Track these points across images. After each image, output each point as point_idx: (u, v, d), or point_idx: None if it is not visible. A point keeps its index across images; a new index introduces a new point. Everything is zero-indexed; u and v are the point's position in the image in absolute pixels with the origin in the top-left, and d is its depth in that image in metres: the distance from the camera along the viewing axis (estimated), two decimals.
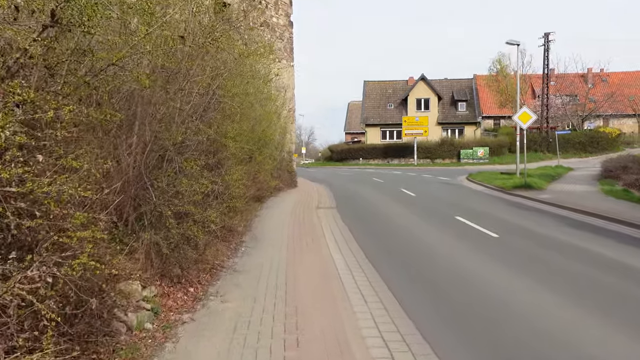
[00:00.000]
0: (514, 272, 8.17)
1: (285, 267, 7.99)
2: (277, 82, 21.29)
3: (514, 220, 13.71)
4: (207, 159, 8.28)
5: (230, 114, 9.92)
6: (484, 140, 56.27)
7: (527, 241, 10.75)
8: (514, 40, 26.31)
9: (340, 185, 26.81)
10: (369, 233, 11.87)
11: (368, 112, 62.33)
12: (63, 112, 3.55)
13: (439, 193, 21.81)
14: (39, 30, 3.82)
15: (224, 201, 8.51)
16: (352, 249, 9.80)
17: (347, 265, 8.30)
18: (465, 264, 8.79)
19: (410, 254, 9.60)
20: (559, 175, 28.87)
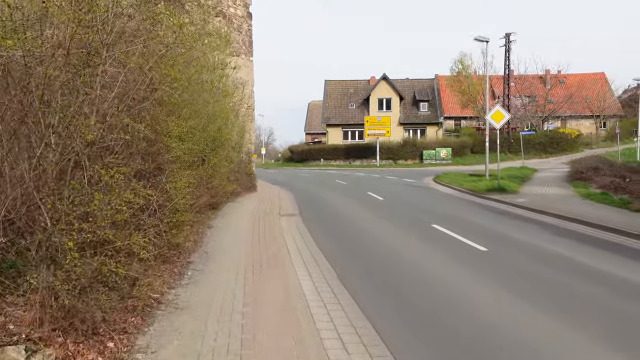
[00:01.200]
0: (518, 295, 6.77)
1: (241, 299, 6.35)
2: (235, 77, 19.58)
3: (498, 229, 12.41)
4: (143, 163, 6.56)
5: (175, 109, 8.21)
6: (447, 140, 55.71)
7: (521, 257, 9.41)
8: (482, 37, 25.29)
9: (302, 188, 25.23)
10: (340, 248, 10.33)
11: (329, 111, 60.95)
12: None
13: (409, 197, 20.49)
14: None
15: (165, 216, 6.81)
16: (323, 270, 8.23)
17: (319, 296, 6.72)
18: (461, 286, 7.34)
19: (395, 275, 8.09)
20: (527, 177, 28.04)
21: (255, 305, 6.13)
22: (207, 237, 10.71)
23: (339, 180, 31.11)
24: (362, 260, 9.12)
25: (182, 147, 8.11)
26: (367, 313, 6.06)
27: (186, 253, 8.81)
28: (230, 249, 9.57)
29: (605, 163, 26.16)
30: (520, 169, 34.50)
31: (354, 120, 59.78)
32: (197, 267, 7.95)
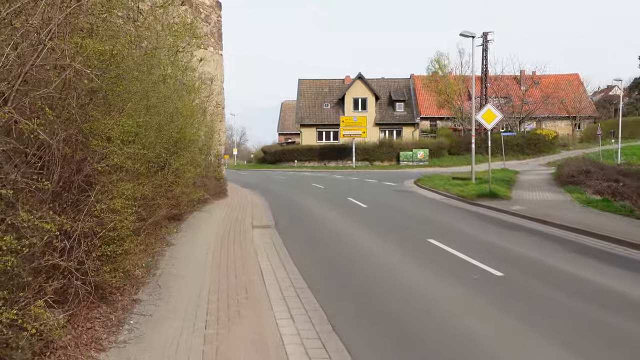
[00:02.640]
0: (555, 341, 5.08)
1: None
2: (202, 71, 17.62)
3: (505, 245, 10.77)
4: (62, 174, 4.66)
5: (115, 103, 6.31)
6: (424, 141, 54.42)
7: (550, 288, 7.75)
8: (468, 32, 23.79)
9: (277, 193, 23.36)
10: (326, 272, 8.53)
11: (303, 111, 59.10)
12: None
13: (393, 204, 18.81)
14: None
15: (94, 249, 4.92)
16: (308, 308, 6.42)
17: (306, 354, 4.92)
18: (478, 329, 5.63)
19: (401, 315, 6.34)
20: (512, 180, 26.57)
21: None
22: (164, 260, 8.79)
23: (315, 183, 29.30)
24: (354, 290, 7.35)
25: (127, 151, 6.22)
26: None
27: (134, 286, 6.91)
28: (192, 278, 7.67)
29: (595, 166, 24.96)
30: (503, 171, 33.23)
31: (329, 120, 58.09)
32: (144, 310, 6.04)
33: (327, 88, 61.33)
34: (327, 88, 61.35)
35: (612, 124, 64.33)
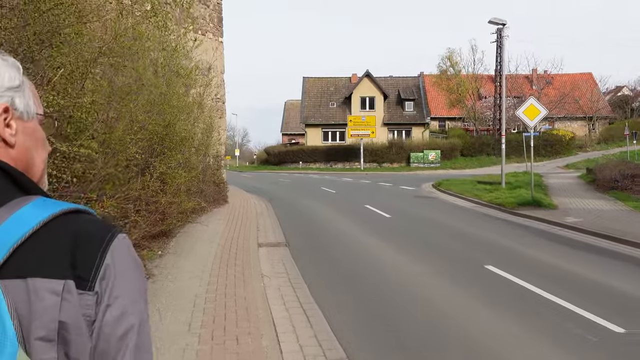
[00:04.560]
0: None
1: None
2: (199, 59, 15.08)
3: (595, 278, 8.18)
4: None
5: None
6: (435, 142, 51.78)
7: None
8: (498, 19, 21.23)
9: (284, 199, 20.79)
10: (374, 334, 5.97)
11: (308, 111, 56.49)
12: None
13: (420, 212, 16.25)
14: None
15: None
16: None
17: None
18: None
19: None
20: (542, 185, 23.96)
21: None
22: None
23: (324, 187, 26.74)
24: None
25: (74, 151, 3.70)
26: None
27: None
28: (174, 343, 5.09)
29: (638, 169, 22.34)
30: (527, 175, 30.66)
31: (335, 120, 55.50)
32: None
33: (333, 86, 58.75)
34: (333, 86, 58.76)
35: (631, 124, 61.83)
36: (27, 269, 0.88)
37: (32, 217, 0.91)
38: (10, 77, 1.00)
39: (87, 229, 0.95)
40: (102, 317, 0.91)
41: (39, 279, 0.88)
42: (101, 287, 0.92)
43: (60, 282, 0.89)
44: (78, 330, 0.89)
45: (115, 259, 0.94)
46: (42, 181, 1.07)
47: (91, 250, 0.93)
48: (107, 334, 0.90)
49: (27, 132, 1.02)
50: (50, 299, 0.87)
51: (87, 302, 0.90)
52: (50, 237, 0.91)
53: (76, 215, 0.96)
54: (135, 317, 0.93)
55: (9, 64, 1.01)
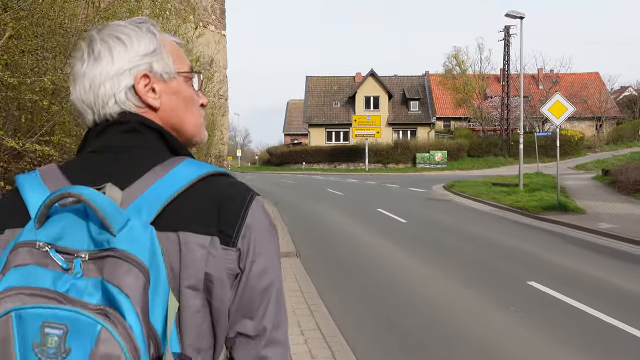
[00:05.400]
0: None
1: None
2: (200, 51, 13.99)
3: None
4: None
5: None
6: (441, 142, 50.60)
7: None
8: (516, 12, 20.11)
9: (289, 202, 19.66)
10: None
11: (311, 110, 55.34)
12: None
13: (437, 217, 15.11)
14: None
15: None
16: None
17: None
18: None
19: None
20: (562, 188, 22.74)
21: None
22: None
23: (330, 189, 25.61)
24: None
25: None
26: None
27: None
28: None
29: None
30: (540, 176, 29.59)
31: (339, 119, 54.35)
32: None
33: (337, 86, 57.60)
34: (336, 86, 57.61)
35: (638, 124, 60.66)
36: (178, 223, 0.95)
37: (183, 177, 0.97)
38: (145, 44, 1.05)
39: (230, 190, 1.01)
40: (248, 271, 0.98)
41: (189, 233, 0.95)
42: (243, 245, 0.98)
43: (207, 238, 0.96)
44: (220, 281, 0.96)
45: (255, 220, 1.00)
46: (198, 134, 1.13)
47: (234, 210, 0.99)
48: (252, 285, 0.98)
49: (171, 91, 1.08)
50: (199, 251, 0.95)
51: (230, 257, 0.97)
52: (198, 196, 0.97)
53: (220, 177, 1.02)
54: (275, 274, 1.02)
55: (142, 31, 1.07)
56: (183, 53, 1.13)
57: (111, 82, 1.03)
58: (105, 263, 0.85)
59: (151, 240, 0.89)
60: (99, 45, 1.04)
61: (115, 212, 0.87)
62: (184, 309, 0.94)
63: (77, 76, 1.05)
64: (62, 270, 0.85)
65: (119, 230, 0.86)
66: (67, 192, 0.87)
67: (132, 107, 1.04)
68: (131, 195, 0.94)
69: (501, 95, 52.41)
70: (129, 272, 0.84)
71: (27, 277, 0.84)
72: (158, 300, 0.87)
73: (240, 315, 0.98)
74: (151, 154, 1.01)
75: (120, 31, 1.05)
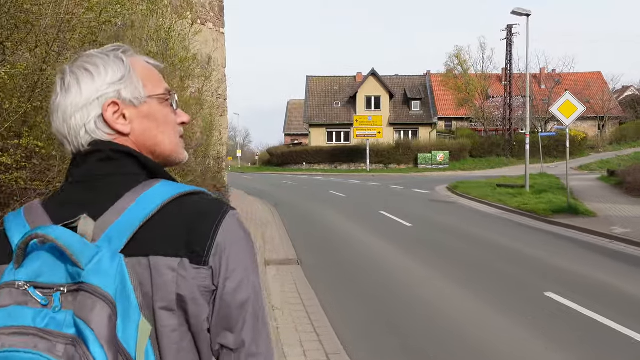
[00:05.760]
0: None
1: None
2: (198, 49, 13.51)
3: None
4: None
5: None
6: (443, 143, 50.08)
7: None
8: (522, 9, 19.63)
9: (290, 204, 19.19)
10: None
11: (312, 110, 54.83)
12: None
13: (442, 220, 14.64)
14: None
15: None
16: None
17: None
18: None
19: None
20: (565, 189, 22.25)
21: None
22: None
23: (332, 190, 25.13)
24: None
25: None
26: None
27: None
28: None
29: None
30: (544, 177, 29.09)
31: (339, 119, 53.85)
32: None
33: (338, 85, 57.08)
34: (337, 85, 57.09)
35: None
36: (149, 247, 0.97)
37: (153, 200, 0.99)
38: (112, 72, 1.07)
39: (201, 209, 1.02)
40: (222, 288, 1.00)
41: (159, 257, 0.97)
42: (215, 262, 0.99)
43: (176, 260, 0.97)
44: (194, 300, 0.98)
45: (227, 236, 1.01)
46: (175, 153, 1.13)
47: (204, 229, 1.00)
48: (228, 301, 1.00)
49: (142, 115, 1.09)
50: (168, 274, 0.97)
51: (202, 275, 0.99)
52: (168, 217, 0.99)
53: (192, 197, 1.03)
54: (250, 288, 1.02)
55: (110, 59, 1.08)
56: (157, 75, 1.14)
57: (81, 112, 1.05)
58: (78, 296, 0.88)
59: (119, 270, 0.92)
60: (69, 77, 1.07)
61: (82, 247, 0.91)
62: (161, 329, 0.97)
63: (53, 108, 1.08)
64: (42, 306, 0.89)
65: (87, 264, 0.89)
66: (35, 233, 0.92)
67: (103, 135, 1.06)
68: (104, 225, 0.97)
69: (503, 95, 51.94)
70: (94, 306, 0.87)
71: (8, 317, 0.88)
72: (130, 325, 0.90)
73: (221, 328, 1.01)
74: (125, 180, 1.03)
75: (88, 62, 1.08)
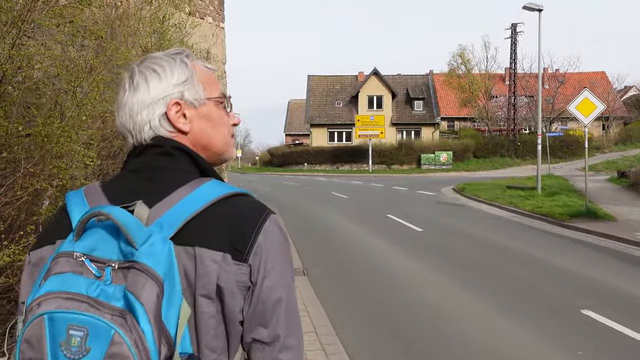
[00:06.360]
0: None
1: None
2: (196, 45, 12.77)
3: None
4: None
5: None
6: (446, 143, 49.29)
7: None
8: (534, 4, 18.89)
9: (293, 206, 18.43)
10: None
11: (313, 110, 54.05)
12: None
13: (453, 224, 13.89)
14: None
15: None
16: None
17: None
18: None
19: None
20: (577, 191, 21.50)
21: None
22: None
23: (335, 192, 24.37)
24: None
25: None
26: None
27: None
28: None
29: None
30: (553, 178, 28.32)
31: (341, 119, 53.09)
32: None
33: (339, 85, 56.30)
34: (339, 85, 56.31)
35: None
36: (196, 239, 1.05)
37: (204, 197, 1.07)
38: (178, 74, 1.16)
39: (245, 211, 1.10)
40: (260, 285, 1.07)
41: (204, 249, 1.05)
42: (254, 261, 1.07)
43: (219, 254, 1.05)
44: (231, 293, 1.05)
45: (268, 238, 1.09)
46: (227, 151, 1.26)
47: (247, 229, 1.08)
48: (264, 298, 1.07)
49: (200, 116, 1.19)
50: (211, 266, 1.05)
51: (242, 271, 1.06)
52: (216, 215, 1.07)
53: (238, 198, 1.11)
54: (286, 288, 1.10)
55: (176, 63, 1.17)
56: (215, 79, 1.24)
57: (147, 110, 1.15)
58: (129, 273, 0.96)
59: (168, 254, 1.00)
60: (138, 77, 1.16)
61: (138, 229, 0.99)
62: (199, 315, 1.04)
63: (120, 105, 1.18)
64: (95, 277, 0.97)
65: (141, 244, 0.98)
66: (99, 211, 1.01)
67: (165, 132, 1.16)
68: (157, 213, 1.05)
69: (507, 95, 51.22)
70: (145, 283, 0.95)
71: (65, 283, 0.97)
72: (173, 307, 0.98)
73: (255, 324, 1.07)
74: (180, 175, 1.11)
75: (156, 63, 1.17)
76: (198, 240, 1.04)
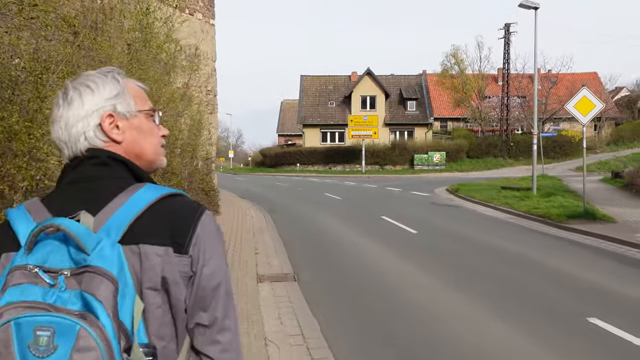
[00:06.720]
0: None
1: None
2: (185, 41, 12.42)
3: None
4: None
5: None
6: (439, 143, 49.09)
7: None
8: (530, 2, 18.63)
9: (285, 207, 18.08)
10: None
11: (306, 110, 53.69)
12: None
13: (448, 226, 13.60)
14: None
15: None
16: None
17: None
18: None
19: None
20: (571, 192, 21.27)
21: None
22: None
23: (328, 192, 24.04)
24: None
25: None
26: None
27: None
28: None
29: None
30: (547, 179, 28.10)
31: (334, 120, 52.76)
32: None
33: (332, 85, 55.98)
34: (332, 85, 55.99)
35: (637, 125, 59.47)
36: (139, 237, 1.13)
37: (143, 200, 1.15)
38: (110, 89, 1.25)
39: (183, 208, 1.20)
40: (200, 273, 1.17)
41: (148, 245, 1.14)
42: (194, 251, 1.17)
43: (162, 248, 1.14)
44: (175, 283, 1.14)
45: (205, 230, 1.19)
46: (157, 160, 1.32)
47: (186, 224, 1.18)
48: (204, 285, 1.17)
49: (132, 127, 1.27)
50: (155, 259, 1.13)
51: (184, 262, 1.16)
52: (155, 214, 1.15)
53: (174, 197, 1.20)
54: (222, 274, 1.21)
55: (108, 79, 1.26)
56: (144, 94, 1.31)
57: (82, 122, 1.22)
58: (83, 277, 1.03)
59: (118, 256, 1.08)
60: (71, 92, 1.24)
61: (88, 236, 1.06)
62: (147, 306, 1.12)
63: (55, 119, 1.24)
64: (49, 286, 1.03)
65: (92, 250, 1.04)
66: (50, 223, 1.06)
67: (100, 142, 1.23)
68: (101, 220, 1.12)
69: (500, 95, 51.10)
70: (101, 283, 1.02)
71: (23, 293, 1.02)
72: (126, 302, 1.05)
73: (196, 309, 1.16)
74: (118, 183, 1.19)
75: (89, 79, 1.25)
76: (142, 238, 1.12)
